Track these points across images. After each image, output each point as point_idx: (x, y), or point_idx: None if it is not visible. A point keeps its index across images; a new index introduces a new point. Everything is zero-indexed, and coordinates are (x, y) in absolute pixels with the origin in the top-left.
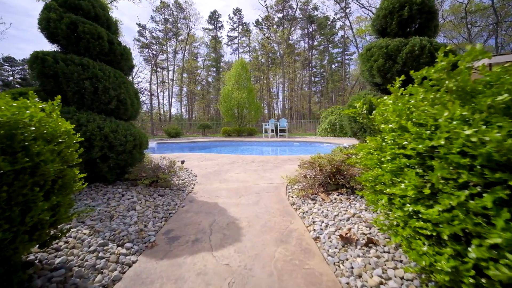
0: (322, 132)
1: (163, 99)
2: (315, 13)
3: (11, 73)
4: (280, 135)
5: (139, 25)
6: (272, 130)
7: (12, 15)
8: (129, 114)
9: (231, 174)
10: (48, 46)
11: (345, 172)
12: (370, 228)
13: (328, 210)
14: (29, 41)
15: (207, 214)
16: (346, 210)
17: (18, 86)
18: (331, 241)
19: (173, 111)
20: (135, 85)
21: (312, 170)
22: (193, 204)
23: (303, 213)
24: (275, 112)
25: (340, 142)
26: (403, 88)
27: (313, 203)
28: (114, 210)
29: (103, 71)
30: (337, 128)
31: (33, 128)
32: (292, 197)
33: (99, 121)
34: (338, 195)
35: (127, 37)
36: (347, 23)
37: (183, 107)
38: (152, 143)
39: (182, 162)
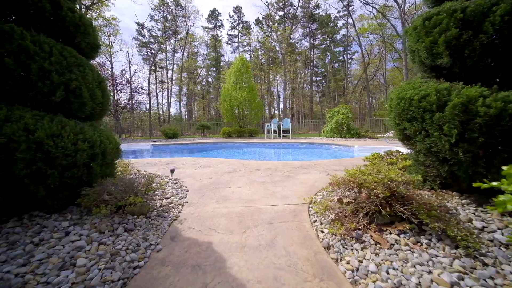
0: (328, 132)
1: (162, 99)
2: (317, 11)
3: None
4: (283, 136)
5: (138, 23)
6: (274, 131)
7: None
8: (87, 111)
9: (232, 189)
10: None
11: (403, 197)
12: None
13: (396, 269)
14: None
15: (194, 271)
16: (430, 272)
17: None
18: None
19: (173, 111)
20: (133, 84)
21: (349, 191)
22: (176, 246)
23: (352, 271)
24: (276, 112)
25: (350, 144)
26: None
27: (362, 249)
28: (33, 271)
29: (39, 45)
30: (345, 128)
31: None
32: (323, 231)
33: (30, 120)
34: (399, 235)
35: (126, 36)
36: (350, 21)
37: (182, 107)
38: (147, 145)
39: (172, 171)
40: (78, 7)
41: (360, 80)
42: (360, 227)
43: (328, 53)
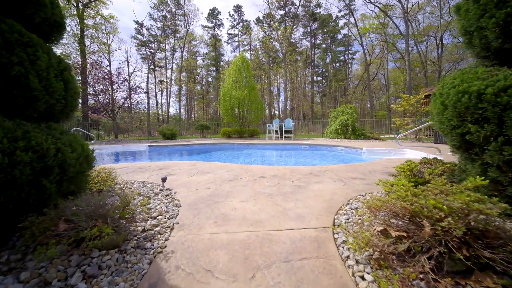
0: (332, 133)
1: (161, 99)
2: (318, 10)
3: None
4: (285, 137)
5: (137, 22)
6: (276, 131)
7: None
8: (41, 108)
9: (233, 203)
10: None
11: (484, 233)
12: None
13: None
14: None
15: None
16: None
17: None
18: None
19: (172, 111)
20: (131, 82)
21: (396, 219)
22: None
23: None
24: (276, 112)
25: (356, 146)
26: None
27: None
28: None
29: None
30: (349, 129)
31: None
32: (363, 278)
33: None
34: None
35: (125, 35)
36: (351, 20)
37: (182, 107)
38: (144, 146)
39: (163, 179)
40: (75, 5)
41: (361, 80)
42: (420, 275)
43: (329, 53)
